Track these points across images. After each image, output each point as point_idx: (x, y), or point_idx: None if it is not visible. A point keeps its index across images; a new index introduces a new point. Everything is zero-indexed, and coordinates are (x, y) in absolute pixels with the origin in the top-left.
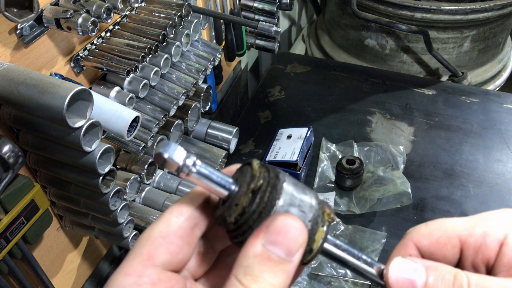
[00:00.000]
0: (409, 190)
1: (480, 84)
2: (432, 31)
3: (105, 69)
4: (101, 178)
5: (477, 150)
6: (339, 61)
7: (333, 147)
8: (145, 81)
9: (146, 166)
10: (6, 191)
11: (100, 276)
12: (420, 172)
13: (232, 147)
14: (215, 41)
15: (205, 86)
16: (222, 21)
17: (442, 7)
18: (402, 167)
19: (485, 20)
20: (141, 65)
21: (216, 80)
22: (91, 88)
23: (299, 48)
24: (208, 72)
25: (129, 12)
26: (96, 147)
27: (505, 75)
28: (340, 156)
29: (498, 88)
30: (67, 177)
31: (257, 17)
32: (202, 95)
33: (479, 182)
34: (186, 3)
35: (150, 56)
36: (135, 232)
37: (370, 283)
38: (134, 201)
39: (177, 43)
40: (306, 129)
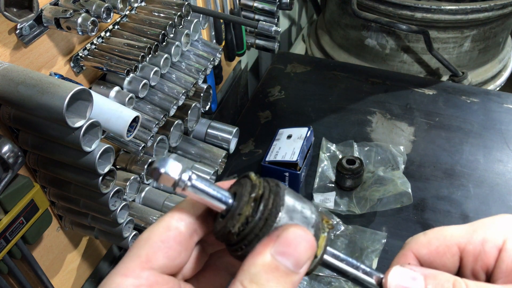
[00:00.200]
0: (410, 190)
1: (480, 84)
2: (433, 31)
3: (104, 69)
4: (101, 178)
5: (477, 150)
6: (339, 61)
7: (333, 147)
8: (145, 81)
9: (146, 166)
10: (5, 191)
11: (100, 276)
12: (420, 172)
13: (232, 147)
14: (215, 41)
15: (205, 86)
16: (222, 21)
17: (442, 7)
18: (402, 167)
19: (485, 20)
20: (141, 65)
21: (216, 80)
22: (90, 88)
23: (299, 48)
24: (208, 72)
25: (129, 12)
26: (95, 147)
27: (505, 75)
28: (340, 156)
29: (498, 88)
30: (66, 177)
31: (257, 17)
32: (202, 95)
33: (480, 182)
34: (186, 3)
35: (150, 56)
36: (135, 232)
37: None
38: (134, 201)
39: (177, 43)
40: (306, 129)
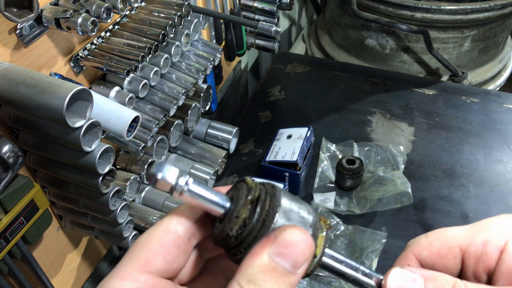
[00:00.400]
0: (409, 190)
1: (480, 84)
2: (432, 31)
3: (105, 69)
4: (101, 178)
5: (477, 150)
6: (339, 61)
7: (333, 147)
8: (145, 81)
9: (146, 166)
10: (6, 191)
11: (100, 276)
12: (420, 172)
13: (232, 147)
14: (215, 41)
15: (205, 86)
16: (222, 21)
17: (442, 7)
18: (402, 167)
19: (485, 20)
20: (141, 65)
21: (216, 80)
22: (91, 88)
23: (299, 48)
24: (208, 72)
25: (129, 12)
26: (96, 147)
27: (505, 75)
28: (340, 156)
29: (498, 88)
30: (67, 177)
31: (257, 17)
32: (202, 95)
33: (479, 182)
34: (186, 3)
35: (150, 56)
36: (135, 232)
37: None
38: (134, 201)
39: (177, 43)
40: (306, 129)
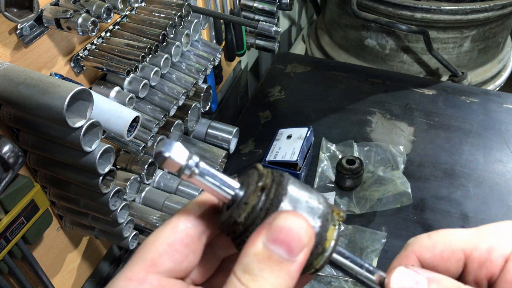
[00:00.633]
0: (409, 190)
1: (480, 84)
2: (432, 31)
3: (105, 69)
4: (101, 178)
5: (477, 150)
6: (339, 61)
7: (333, 147)
8: (145, 81)
9: (146, 166)
10: (6, 191)
11: (100, 276)
12: (420, 172)
13: (232, 147)
14: (215, 41)
15: (205, 86)
16: (222, 21)
17: (442, 7)
18: (402, 167)
19: (485, 20)
20: (141, 65)
21: (216, 80)
22: (91, 88)
23: (299, 48)
24: (208, 72)
25: (129, 12)
26: (96, 147)
27: (505, 75)
28: (340, 156)
29: (498, 88)
30: (67, 177)
31: (257, 17)
32: (202, 95)
33: (479, 182)
34: (186, 3)
35: (150, 56)
36: (135, 232)
37: None
38: (134, 201)
39: (177, 43)
40: (306, 129)
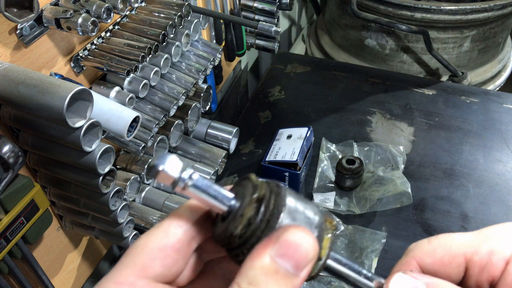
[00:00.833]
0: (409, 190)
1: (480, 84)
2: (432, 31)
3: (105, 69)
4: (101, 178)
5: (477, 150)
6: (339, 61)
7: (333, 147)
8: (145, 81)
9: (146, 166)
10: (6, 191)
11: (100, 276)
12: (420, 172)
13: (232, 147)
14: (215, 41)
15: (205, 86)
16: (222, 21)
17: (442, 7)
18: (402, 167)
19: (485, 20)
20: (141, 65)
21: (216, 80)
22: (91, 88)
23: (299, 48)
24: (208, 72)
25: (129, 12)
26: (96, 147)
27: (505, 75)
28: (340, 156)
29: (498, 88)
30: (67, 177)
31: (257, 17)
32: (202, 95)
33: (479, 182)
34: (186, 3)
35: (150, 56)
36: (135, 232)
37: None
38: (134, 201)
39: (177, 43)
40: (306, 129)
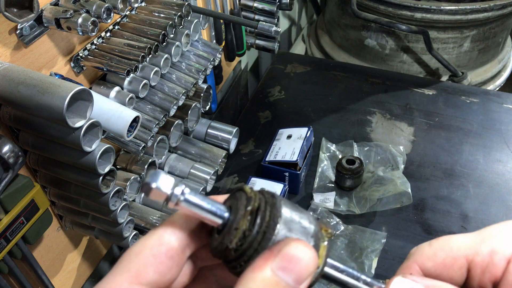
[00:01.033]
0: (409, 190)
1: (480, 84)
2: (432, 31)
3: (105, 69)
4: (101, 178)
5: (477, 150)
6: (339, 61)
7: (333, 147)
8: (145, 81)
9: (146, 166)
10: (6, 191)
11: (100, 276)
12: (420, 172)
13: (232, 147)
14: (215, 41)
15: (205, 86)
16: (222, 21)
17: (442, 7)
18: (402, 167)
19: (485, 20)
20: (141, 65)
21: (216, 80)
22: (91, 88)
23: (299, 48)
24: (208, 72)
25: (129, 12)
26: (96, 147)
27: (505, 75)
28: (340, 156)
29: (498, 88)
30: (67, 177)
31: (257, 17)
32: (202, 95)
33: (479, 182)
34: (186, 3)
35: (150, 56)
36: (135, 232)
37: None
38: (134, 201)
39: (177, 43)
40: (306, 129)
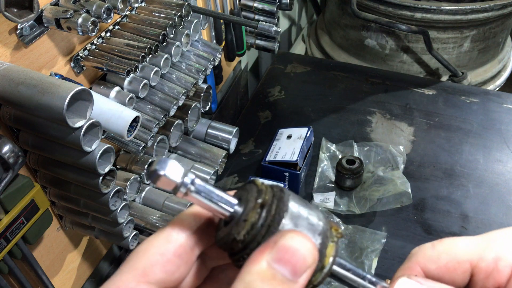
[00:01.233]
0: (409, 190)
1: (480, 84)
2: (432, 31)
3: (105, 69)
4: (101, 178)
5: (477, 150)
6: (339, 61)
7: (333, 147)
8: (145, 81)
9: (146, 166)
10: (6, 191)
11: (100, 276)
12: (420, 172)
13: (232, 147)
14: (215, 41)
15: (205, 86)
16: (222, 21)
17: (442, 7)
18: (402, 167)
19: (485, 20)
20: (141, 65)
21: (216, 80)
22: (91, 88)
23: (299, 48)
24: (208, 72)
25: (129, 12)
26: (96, 147)
27: (505, 75)
28: (340, 156)
29: (498, 88)
30: (67, 177)
31: (257, 17)
32: (202, 95)
33: (479, 182)
34: (186, 3)
35: (150, 56)
36: (135, 232)
37: None
38: (134, 201)
39: (177, 43)
40: (306, 129)
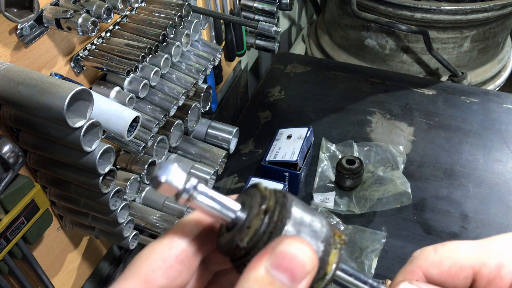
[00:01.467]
0: (409, 190)
1: (480, 84)
2: (432, 31)
3: (105, 69)
4: (101, 178)
5: (477, 150)
6: (339, 61)
7: (333, 147)
8: (145, 81)
9: (146, 166)
10: (6, 191)
11: (100, 276)
12: (420, 172)
13: (232, 147)
14: (215, 41)
15: (205, 86)
16: (222, 21)
17: (442, 7)
18: (402, 167)
19: (485, 20)
20: (141, 65)
21: (216, 80)
22: (91, 88)
23: (299, 48)
24: (208, 72)
25: (129, 12)
26: (96, 147)
27: (505, 75)
28: (340, 156)
29: (498, 88)
30: (67, 177)
31: (257, 17)
32: (202, 95)
33: (479, 182)
34: (186, 3)
35: (150, 56)
36: (135, 232)
37: None
38: (134, 201)
39: (177, 43)
40: (306, 129)
